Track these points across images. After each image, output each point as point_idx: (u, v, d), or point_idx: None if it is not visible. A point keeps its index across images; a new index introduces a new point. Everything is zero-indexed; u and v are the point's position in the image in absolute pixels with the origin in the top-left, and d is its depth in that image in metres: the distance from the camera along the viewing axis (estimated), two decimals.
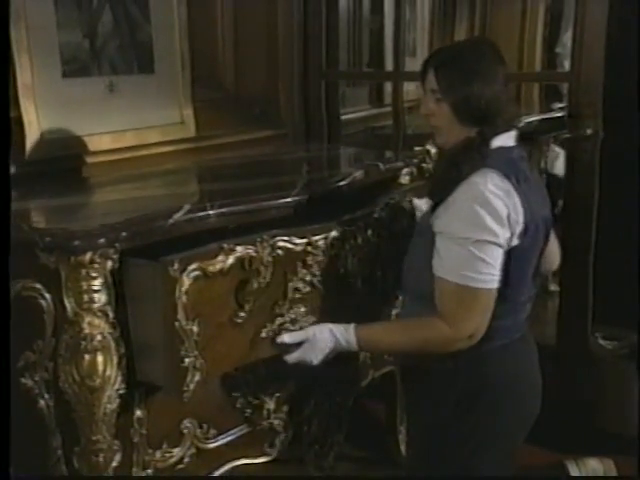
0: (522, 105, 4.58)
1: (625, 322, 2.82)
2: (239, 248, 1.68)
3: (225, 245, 1.66)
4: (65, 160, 2.25)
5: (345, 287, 1.95)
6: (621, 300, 2.80)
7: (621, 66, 2.75)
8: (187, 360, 1.61)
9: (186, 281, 1.58)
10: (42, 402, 1.70)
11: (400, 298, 2.26)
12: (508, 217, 1.63)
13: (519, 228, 1.65)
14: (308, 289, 1.84)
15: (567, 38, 3.93)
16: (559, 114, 3.83)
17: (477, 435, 1.76)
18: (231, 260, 1.66)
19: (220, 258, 1.64)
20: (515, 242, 1.66)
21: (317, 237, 1.84)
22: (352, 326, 1.75)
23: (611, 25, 2.63)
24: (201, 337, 1.62)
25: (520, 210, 1.65)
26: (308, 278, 1.84)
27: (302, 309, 1.84)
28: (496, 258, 1.63)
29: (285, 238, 1.78)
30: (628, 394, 2.79)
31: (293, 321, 1.82)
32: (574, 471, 2.39)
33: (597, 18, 2.63)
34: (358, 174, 2.24)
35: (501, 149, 1.71)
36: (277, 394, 2.08)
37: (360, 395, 2.46)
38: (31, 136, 2.17)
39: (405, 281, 1.87)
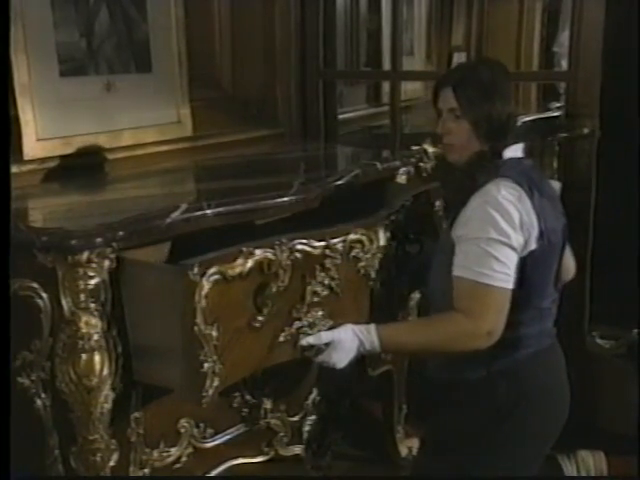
0: (519, 105, 4.58)
1: (622, 321, 2.83)
2: (258, 251, 1.67)
3: (244, 248, 1.65)
4: (61, 159, 2.25)
5: (363, 290, 1.95)
6: (618, 299, 2.80)
7: (618, 65, 2.75)
8: (206, 365, 1.59)
9: (206, 285, 1.56)
10: (39, 402, 1.70)
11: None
12: (521, 222, 1.68)
13: (535, 232, 1.70)
14: (326, 292, 1.83)
15: (564, 38, 3.93)
16: (556, 113, 3.83)
17: (510, 443, 1.77)
18: (250, 263, 1.65)
19: (239, 262, 1.63)
20: (533, 246, 1.70)
21: (335, 240, 1.84)
22: (373, 326, 1.75)
23: (608, 24, 2.63)
24: (220, 342, 1.61)
25: (533, 215, 1.69)
26: (326, 281, 1.83)
27: (320, 313, 1.83)
28: (509, 259, 1.67)
29: (303, 241, 1.77)
30: (625, 393, 2.80)
31: (311, 325, 1.81)
32: (565, 463, 2.42)
33: (594, 17, 2.63)
34: (355, 173, 2.24)
35: (512, 160, 1.77)
36: (274, 393, 2.09)
37: (358, 394, 2.47)
38: (28, 135, 2.17)
39: (432, 296, 1.89)
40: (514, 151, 1.79)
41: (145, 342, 1.66)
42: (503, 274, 1.66)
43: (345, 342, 1.74)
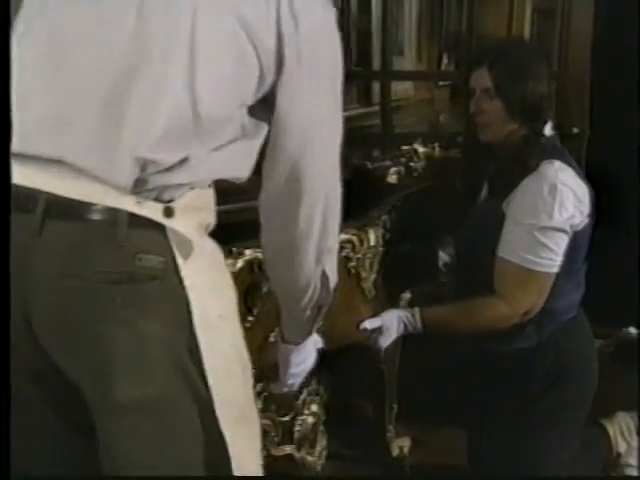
0: None
1: (611, 320, 2.83)
2: (248, 251, 1.67)
3: (234, 248, 1.65)
4: None
5: (354, 289, 1.95)
6: (607, 298, 2.81)
7: (608, 65, 2.76)
8: None
9: None
10: None
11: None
12: (578, 203, 1.72)
13: (587, 208, 1.76)
14: None
15: None
16: None
17: (561, 408, 1.84)
18: (240, 263, 1.65)
19: (229, 261, 1.62)
20: (586, 220, 1.77)
21: None
22: (417, 310, 1.85)
23: (597, 24, 2.64)
24: None
25: (586, 191, 1.75)
26: None
27: None
28: (560, 245, 1.72)
29: None
30: (615, 392, 2.80)
31: None
32: (607, 426, 2.40)
33: (583, 17, 2.64)
34: (345, 173, 2.23)
35: (550, 138, 1.81)
36: (264, 393, 2.08)
37: (349, 393, 2.46)
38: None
39: (461, 261, 1.97)
40: (548, 130, 1.82)
41: None
42: (549, 260, 1.72)
43: (392, 327, 1.84)
